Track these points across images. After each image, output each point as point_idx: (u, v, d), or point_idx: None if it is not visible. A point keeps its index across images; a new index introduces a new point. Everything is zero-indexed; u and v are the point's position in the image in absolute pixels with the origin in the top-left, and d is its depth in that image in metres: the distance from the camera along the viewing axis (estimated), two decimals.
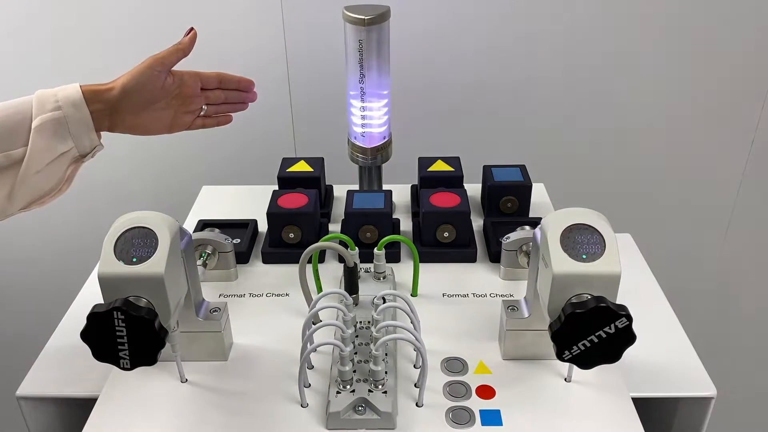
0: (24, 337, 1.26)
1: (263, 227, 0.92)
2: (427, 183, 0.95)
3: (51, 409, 0.73)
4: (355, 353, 0.66)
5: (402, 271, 0.84)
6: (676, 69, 1.23)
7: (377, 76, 0.88)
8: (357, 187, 0.99)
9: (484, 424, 0.62)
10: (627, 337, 0.58)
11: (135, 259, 0.59)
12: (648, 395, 0.69)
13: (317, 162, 0.99)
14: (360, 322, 0.71)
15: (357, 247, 0.75)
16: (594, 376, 0.67)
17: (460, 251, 0.86)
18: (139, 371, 0.66)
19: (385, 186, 1.00)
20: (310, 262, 0.76)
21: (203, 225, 0.91)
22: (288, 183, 0.96)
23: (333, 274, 0.83)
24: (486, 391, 0.66)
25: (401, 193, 1.02)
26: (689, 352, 0.75)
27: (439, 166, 0.97)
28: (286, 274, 0.84)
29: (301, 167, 0.97)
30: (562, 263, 0.59)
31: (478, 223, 0.95)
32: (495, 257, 0.86)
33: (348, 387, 0.63)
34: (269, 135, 1.28)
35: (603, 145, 1.30)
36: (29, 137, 0.68)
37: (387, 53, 0.88)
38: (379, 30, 0.85)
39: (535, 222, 0.88)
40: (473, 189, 0.99)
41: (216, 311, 0.69)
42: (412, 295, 0.80)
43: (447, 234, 0.86)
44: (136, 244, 0.60)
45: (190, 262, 0.66)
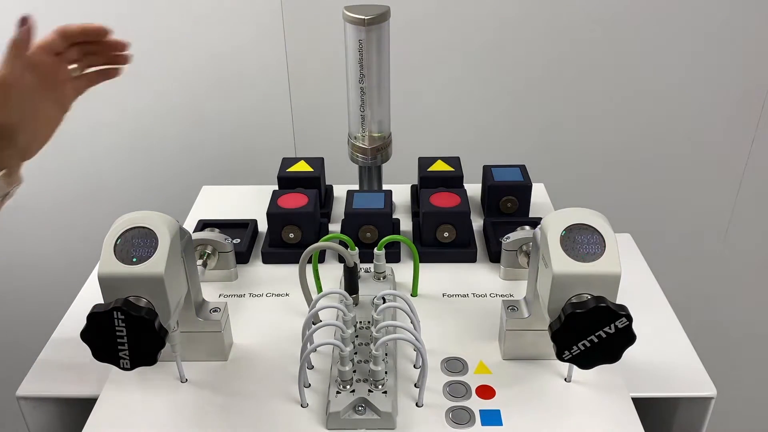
0: (24, 337, 1.26)
1: (263, 227, 0.92)
2: (427, 183, 0.95)
3: (51, 409, 0.73)
4: (355, 353, 0.66)
5: (402, 271, 0.84)
6: (676, 69, 1.23)
7: (377, 76, 0.88)
8: (357, 187, 0.99)
9: (484, 424, 0.62)
10: (627, 337, 0.58)
11: (135, 259, 0.59)
12: (648, 395, 0.69)
13: (317, 162, 0.99)
14: (360, 322, 0.71)
15: (357, 247, 0.75)
16: (594, 376, 0.67)
17: (460, 251, 0.86)
18: (139, 371, 0.66)
19: (385, 186, 1.00)
20: (310, 262, 0.76)
21: (203, 225, 0.91)
22: (288, 183, 0.96)
23: (333, 274, 0.83)
24: (486, 391, 0.65)
25: (401, 193, 1.02)
26: (689, 352, 0.75)
27: (439, 166, 0.97)
28: (286, 274, 0.84)
29: (301, 167, 0.97)
30: (562, 263, 0.59)
31: (478, 223, 0.94)
32: (495, 257, 0.86)
33: (348, 387, 0.63)
34: (269, 135, 1.28)
35: (603, 146, 1.30)
36: None
37: (387, 53, 0.88)
38: (379, 30, 0.85)
39: (535, 222, 0.88)
40: (473, 189, 0.99)
41: (216, 311, 0.69)
42: (412, 295, 0.80)
43: (447, 234, 0.86)
44: (136, 244, 0.60)
45: (190, 262, 0.66)
